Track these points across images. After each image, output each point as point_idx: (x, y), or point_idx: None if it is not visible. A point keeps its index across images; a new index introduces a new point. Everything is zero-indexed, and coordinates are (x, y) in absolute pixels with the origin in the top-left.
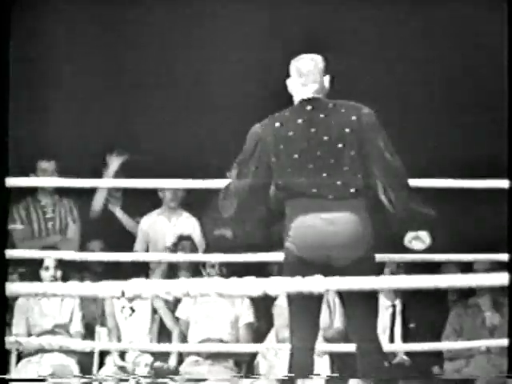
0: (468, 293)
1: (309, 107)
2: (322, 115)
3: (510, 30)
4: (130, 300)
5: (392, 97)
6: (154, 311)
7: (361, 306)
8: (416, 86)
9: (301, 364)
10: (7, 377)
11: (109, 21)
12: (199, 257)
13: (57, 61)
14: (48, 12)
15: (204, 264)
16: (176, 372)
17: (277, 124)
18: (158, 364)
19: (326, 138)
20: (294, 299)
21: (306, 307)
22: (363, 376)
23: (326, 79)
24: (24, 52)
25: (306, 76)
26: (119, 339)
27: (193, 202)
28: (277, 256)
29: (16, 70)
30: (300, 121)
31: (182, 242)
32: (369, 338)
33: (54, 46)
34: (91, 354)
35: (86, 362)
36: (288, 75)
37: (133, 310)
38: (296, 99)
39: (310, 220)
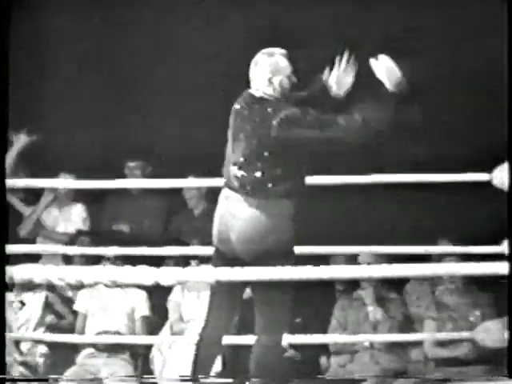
0: (353, 285)
1: (246, 100)
2: (248, 112)
3: (510, 29)
4: (19, 294)
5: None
6: (47, 305)
7: (264, 300)
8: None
9: (206, 356)
10: (7, 377)
11: (109, 20)
12: (95, 250)
13: (57, 61)
14: (48, 12)
15: (101, 257)
16: (72, 364)
17: (236, 106)
18: None
19: (245, 134)
20: (214, 292)
21: (223, 300)
22: (256, 371)
23: (277, 79)
24: (24, 52)
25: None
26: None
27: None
28: (173, 250)
29: (16, 70)
30: (240, 110)
31: (80, 237)
32: (269, 332)
33: (54, 45)
34: None
35: None
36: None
37: (23, 304)
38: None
39: (221, 212)
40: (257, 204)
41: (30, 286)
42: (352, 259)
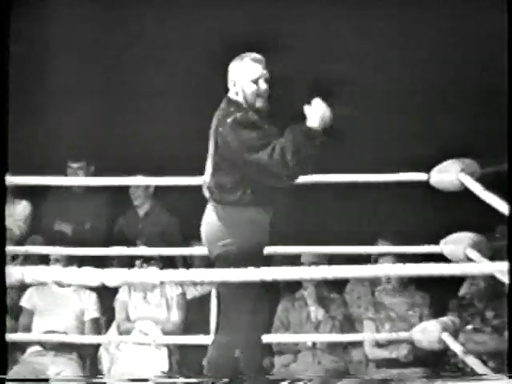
0: (296, 286)
1: (222, 104)
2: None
3: (510, 30)
4: None
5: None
6: None
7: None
8: (413, 86)
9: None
10: (7, 377)
11: (108, 20)
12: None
13: (57, 61)
14: (49, 11)
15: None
16: (17, 361)
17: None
18: None
19: (212, 140)
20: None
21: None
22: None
23: (239, 83)
24: (24, 52)
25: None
26: None
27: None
28: (118, 250)
29: (16, 70)
30: (217, 114)
31: (32, 236)
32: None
33: (54, 45)
34: None
35: None
36: None
37: None
38: None
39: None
40: (215, 210)
41: None
42: (296, 259)
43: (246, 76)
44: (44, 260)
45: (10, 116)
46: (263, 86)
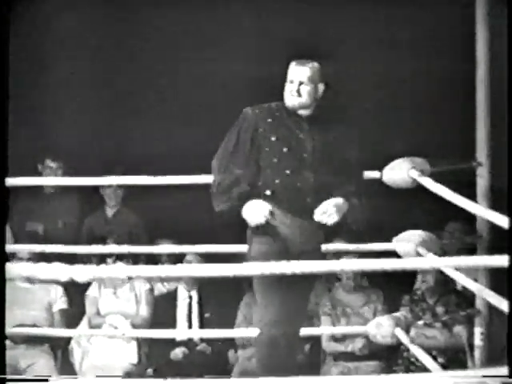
0: None
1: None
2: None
3: (510, 30)
4: None
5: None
6: None
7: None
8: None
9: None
10: (7, 377)
11: (110, 20)
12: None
13: (57, 60)
14: (49, 10)
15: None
16: None
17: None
18: None
19: None
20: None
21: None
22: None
23: (321, 87)
24: (24, 51)
25: (294, 84)
26: None
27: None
28: (89, 249)
29: (16, 69)
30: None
31: None
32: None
33: (54, 44)
34: None
35: None
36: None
37: None
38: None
39: None
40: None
41: None
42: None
43: (288, 76)
44: (14, 258)
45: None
46: (295, 86)
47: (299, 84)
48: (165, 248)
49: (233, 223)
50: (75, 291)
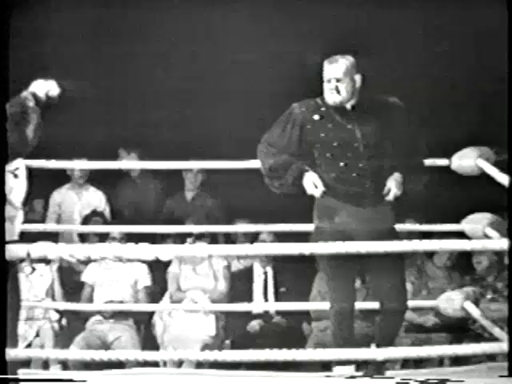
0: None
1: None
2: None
3: (510, 29)
4: (32, 261)
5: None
6: (58, 276)
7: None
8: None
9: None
10: (8, 377)
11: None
12: (106, 228)
13: (58, 59)
14: (49, 11)
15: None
16: (82, 329)
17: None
18: None
19: None
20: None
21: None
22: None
23: (358, 78)
24: (24, 51)
25: (332, 82)
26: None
27: (100, 178)
28: (171, 228)
29: (15, 68)
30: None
31: (94, 218)
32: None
33: (54, 43)
34: None
35: None
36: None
37: (33, 269)
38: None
39: None
40: None
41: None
42: None
43: (324, 76)
44: (102, 239)
45: None
46: (333, 85)
47: (336, 81)
48: (241, 227)
49: (303, 204)
50: (158, 268)
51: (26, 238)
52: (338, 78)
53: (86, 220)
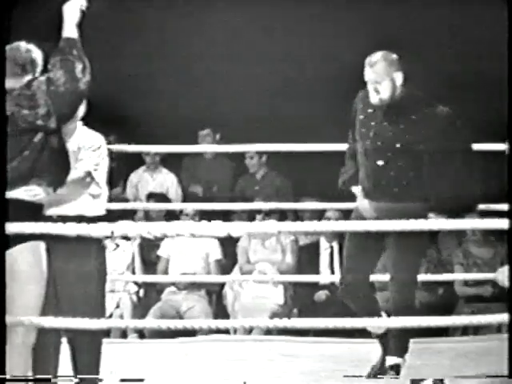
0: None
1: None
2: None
3: (510, 29)
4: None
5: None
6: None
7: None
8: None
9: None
10: (7, 377)
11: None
12: (176, 206)
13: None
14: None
15: (180, 213)
16: (158, 300)
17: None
18: None
19: None
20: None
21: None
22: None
23: (398, 76)
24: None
25: (371, 84)
26: None
27: (172, 161)
28: (239, 206)
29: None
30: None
31: (158, 198)
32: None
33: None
34: None
35: None
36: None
37: (117, 245)
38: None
39: None
40: None
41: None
42: None
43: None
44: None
45: None
46: (372, 86)
47: (375, 83)
48: (308, 205)
49: None
50: (228, 242)
51: (109, 215)
52: (375, 79)
53: (148, 199)
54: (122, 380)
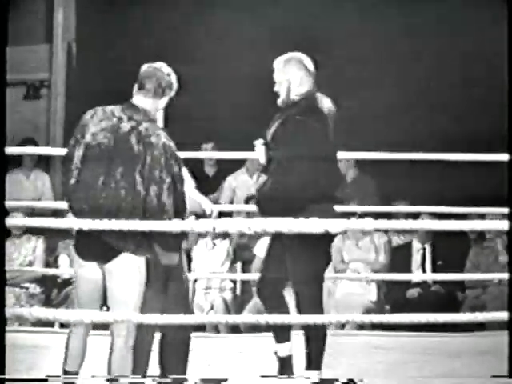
0: (483, 235)
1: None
2: None
3: (510, 29)
4: (213, 238)
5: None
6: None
7: None
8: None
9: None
10: (7, 376)
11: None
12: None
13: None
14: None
15: None
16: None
17: None
18: None
19: None
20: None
21: None
22: None
23: (292, 78)
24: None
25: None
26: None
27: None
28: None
29: None
30: None
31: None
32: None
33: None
34: None
35: None
36: None
37: (214, 245)
38: None
39: None
40: None
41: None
42: None
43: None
44: None
45: None
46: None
47: (276, 84)
48: (401, 208)
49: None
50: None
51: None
52: (275, 80)
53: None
54: (204, 380)
